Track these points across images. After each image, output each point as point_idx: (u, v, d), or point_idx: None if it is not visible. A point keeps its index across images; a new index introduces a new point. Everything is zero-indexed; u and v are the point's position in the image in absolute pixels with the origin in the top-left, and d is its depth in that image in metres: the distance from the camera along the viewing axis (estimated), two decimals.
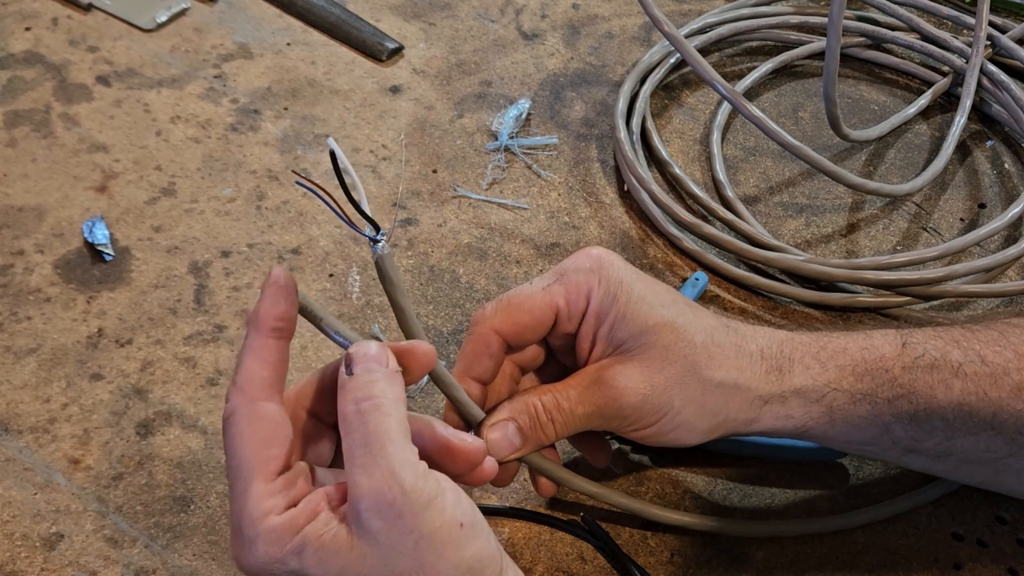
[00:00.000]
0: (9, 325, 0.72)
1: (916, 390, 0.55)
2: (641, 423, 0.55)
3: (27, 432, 0.67)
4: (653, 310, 0.54)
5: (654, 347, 0.54)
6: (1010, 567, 0.64)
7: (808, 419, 0.56)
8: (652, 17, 0.82)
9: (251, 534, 0.43)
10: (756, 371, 0.55)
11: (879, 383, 0.55)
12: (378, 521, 0.42)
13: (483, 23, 0.98)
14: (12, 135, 0.84)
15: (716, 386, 0.55)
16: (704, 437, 0.56)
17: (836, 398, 0.56)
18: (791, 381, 0.56)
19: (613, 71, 0.95)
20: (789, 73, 0.96)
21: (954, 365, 0.55)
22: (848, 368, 0.56)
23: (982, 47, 0.91)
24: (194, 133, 0.86)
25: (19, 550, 0.61)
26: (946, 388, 0.55)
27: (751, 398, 0.55)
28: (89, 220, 0.78)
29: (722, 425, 0.56)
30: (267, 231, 0.79)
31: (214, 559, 0.62)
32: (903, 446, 0.57)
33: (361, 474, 0.42)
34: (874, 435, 0.57)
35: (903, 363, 0.56)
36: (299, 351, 0.72)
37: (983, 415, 0.55)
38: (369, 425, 0.43)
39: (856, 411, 0.56)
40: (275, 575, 0.44)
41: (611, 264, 0.55)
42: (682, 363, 0.54)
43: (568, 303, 0.55)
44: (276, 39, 0.94)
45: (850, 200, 0.86)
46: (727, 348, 0.55)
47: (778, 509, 0.66)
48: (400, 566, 0.43)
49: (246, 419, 0.45)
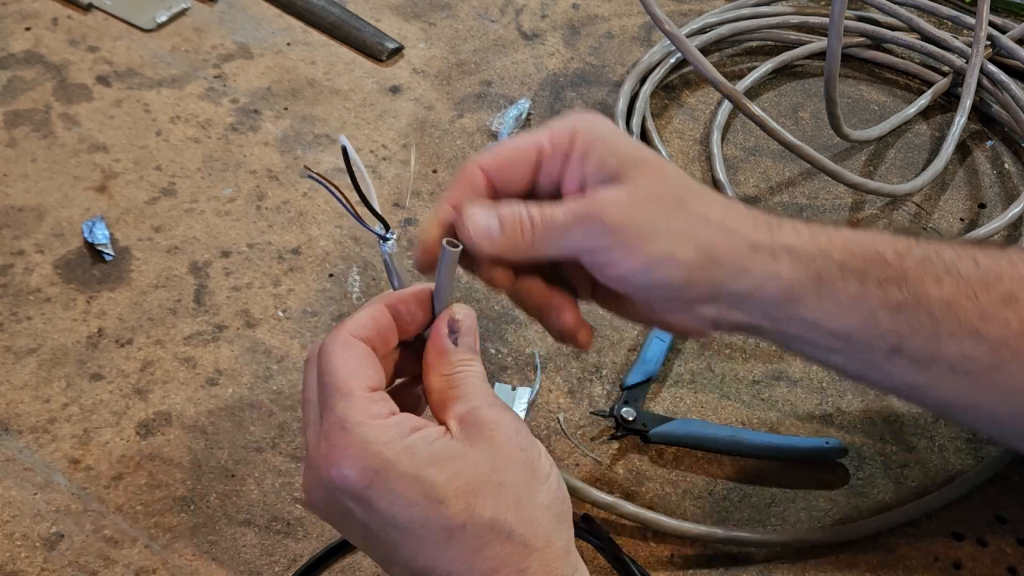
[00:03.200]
0: (9, 325, 0.72)
1: (907, 277, 0.53)
2: (622, 245, 0.51)
3: (27, 432, 0.67)
4: (641, 150, 0.53)
5: (643, 175, 0.52)
6: (1010, 566, 0.64)
7: (796, 284, 0.53)
8: (653, 16, 0.82)
9: (350, 440, 0.45)
10: (746, 220, 0.53)
11: (869, 263, 0.53)
12: (486, 434, 0.46)
13: (483, 23, 0.98)
14: (12, 135, 0.84)
15: (703, 220, 0.52)
16: (691, 278, 0.52)
17: (826, 266, 0.53)
18: (781, 237, 0.53)
19: (613, 71, 0.95)
20: (789, 73, 0.96)
21: (947, 260, 0.54)
22: (839, 242, 0.54)
23: (982, 47, 0.91)
24: (194, 133, 0.85)
25: (19, 550, 0.61)
26: (936, 282, 0.53)
27: (740, 240, 0.53)
28: (89, 220, 0.78)
29: (709, 265, 0.52)
30: (267, 231, 0.79)
31: (214, 559, 0.62)
32: (888, 342, 0.54)
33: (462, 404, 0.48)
34: (860, 321, 0.53)
35: (895, 248, 0.54)
36: (299, 351, 0.72)
37: (970, 318, 0.53)
38: (467, 388, 0.48)
39: (845, 287, 0.53)
40: (347, 498, 0.45)
41: (594, 114, 0.55)
42: (670, 193, 0.52)
43: (552, 143, 0.53)
44: (276, 39, 0.94)
45: (850, 200, 0.86)
46: (715, 197, 0.54)
47: (778, 509, 0.66)
48: (507, 474, 0.46)
49: (343, 345, 0.47)
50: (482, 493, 0.44)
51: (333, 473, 0.45)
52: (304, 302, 0.75)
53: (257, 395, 0.69)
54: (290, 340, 0.73)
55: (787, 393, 0.73)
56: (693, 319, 0.54)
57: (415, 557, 0.45)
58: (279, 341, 0.72)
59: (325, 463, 0.45)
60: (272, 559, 0.62)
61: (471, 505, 0.44)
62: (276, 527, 0.63)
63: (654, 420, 0.68)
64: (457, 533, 0.44)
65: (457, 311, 0.50)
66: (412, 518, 0.44)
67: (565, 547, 0.46)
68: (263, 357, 0.71)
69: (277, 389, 0.70)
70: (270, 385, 0.70)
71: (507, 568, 0.44)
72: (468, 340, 0.50)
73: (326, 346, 0.48)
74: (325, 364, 0.47)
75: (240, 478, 0.65)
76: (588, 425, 0.69)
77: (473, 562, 0.44)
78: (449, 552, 0.44)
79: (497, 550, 0.44)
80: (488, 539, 0.44)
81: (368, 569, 0.62)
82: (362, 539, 0.47)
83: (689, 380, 0.73)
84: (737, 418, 0.71)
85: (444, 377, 0.48)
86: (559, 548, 0.46)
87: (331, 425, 0.45)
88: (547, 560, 0.45)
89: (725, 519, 0.65)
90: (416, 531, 0.44)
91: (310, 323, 0.74)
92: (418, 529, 0.44)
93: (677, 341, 0.74)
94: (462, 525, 0.44)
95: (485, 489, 0.44)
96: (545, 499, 0.46)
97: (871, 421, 0.71)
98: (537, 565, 0.44)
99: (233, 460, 0.66)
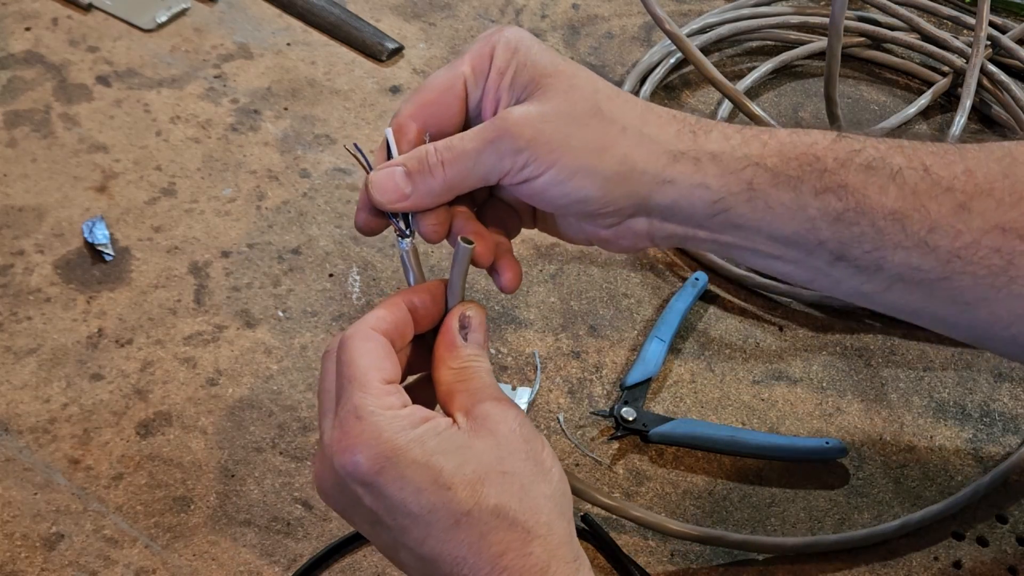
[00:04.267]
0: (9, 325, 0.72)
1: (848, 185, 0.50)
2: (535, 160, 0.50)
3: (27, 432, 0.67)
4: (555, 61, 0.52)
5: (554, 88, 0.50)
6: (1010, 566, 0.64)
7: (726, 192, 0.51)
8: (654, 16, 0.82)
9: (363, 428, 0.45)
10: (667, 128, 0.51)
11: (806, 170, 0.50)
12: (492, 427, 0.47)
13: (483, 23, 0.98)
14: (12, 135, 0.84)
15: (619, 131, 0.50)
16: (608, 192, 0.50)
17: (757, 174, 0.50)
18: (706, 144, 0.51)
19: (613, 71, 0.95)
20: (789, 73, 0.96)
21: (893, 168, 0.51)
22: (773, 147, 0.51)
23: (982, 47, 0.91)
24: (194, 133, 0.85)
25: (19, 550, 0.61)
26: (880, 191, 0.50)
27: (659, 150, 0.50)
28: (89, 220, 0.78)
29: (628, 177, 0.50)
30: (267, 231, 0.79)
31: (214, 559, 0.62)
32: (830, 249, 0.51)
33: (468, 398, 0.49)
34: (798, 229, 0.51)
35: (836, 155, 0.51)
36: (299, 351, 0.72)
37: (917, 229, 0.50)
38: (475, 383, 0.49)
39: (779, 196, 0.51)
40: (357, 484, 0.46)
41: (513, 29, 0.53)
42: (582, 104, 0.50)
43: (473, 68, 0.52)
44: (276, 39, 0.94)
45: None
46: (634, 104, 0.52)
47: (778, 509, 0.66)
48: (511, 464, 0.47)
49: (363, 338, 0.48)
50: (488, 481, 0.45)
51: (346, 459, 0.46)
52: (304, 302, 0.75)
53: (257, 395, 0.69)
54: (290, 340, 0.72)
55: (787, 393, 0.73)
56: (626, 234, 0.53)
57: (423, 542, 0.45)
58: (279, 341, 0.72)
59: (338, 449, 0.46)
60: (272, 559, 0.62)
61: (477, 492, 0.45)
62: (276, 527, 0.63)
63: (654, 420, 0.68)
64: (463, 519, 0.45)
65: (468, 307, 0.51)
66: (421, 504, 0.45)
67: (567, 535, 0.47)
68: (263, 357, 0.71)
69: (277, 389, 0.70)
70: (270, 385, 0.70)
71: (512, 552, 0.45)
72: (477, 336, 0.51)
73: (347, 338, 0.48)
74: (345, 355, 0.48)
75: (240, 478, 0.65)
76: (588, 425, 0.69)
77: (480, 547, 0.45)
78: (456, 537, 0.45)
79: (502, 536, 0.45)
80: (493, 525, 0.45)
81: (368, 569, 0.62)
82: (370, 527, 0.48)
83: (689, 380, 0.73)
84: (737, 418, 0.71)
85: (453, 371, 0.49)
86: (562, 535, 0.46)
87: (346, 413, 0.46)
88: (550, 546, 0.46)
89: (725, 519, 0.65)
90: (424, 516, 0.45)
91: (310, 323, 0.74)
92: (426, 515, 0.45)
93: (677, 341, 0.74)
94: (468, 512, 0.45)
95: (490, 478, 0.45)
96: (548, 490, 0.47)
97: (871, 421, 0.71)
98: (540, 550, 0.45)
99: (233, 460, 0.66)
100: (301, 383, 0.70)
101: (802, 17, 0.97)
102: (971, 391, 0.73)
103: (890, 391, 0.73)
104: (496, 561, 0.45)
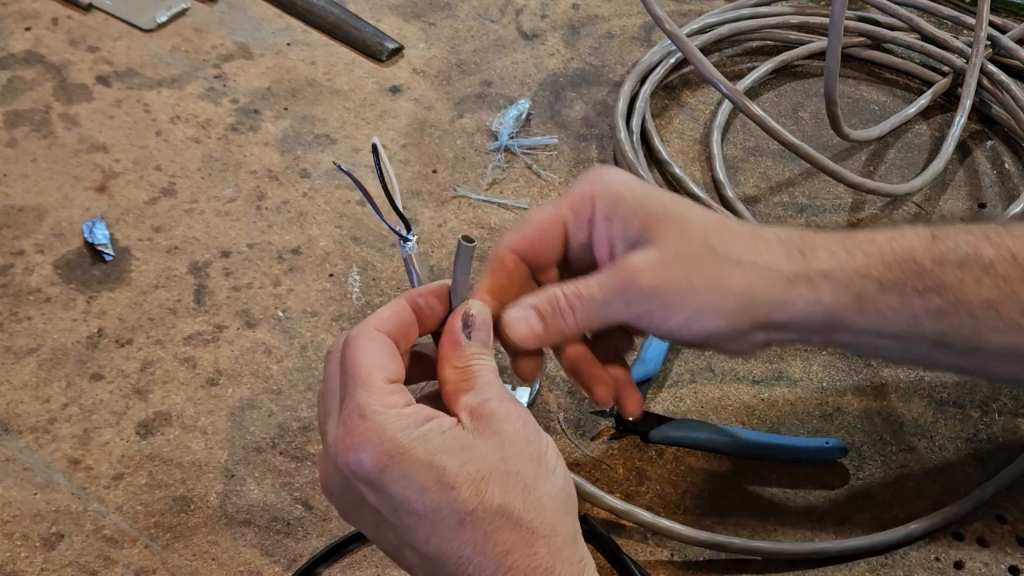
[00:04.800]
0: (9, 325, 0.72)
1: (946, 283, 0.54)
2: (663, 307, 0.53)
3: (27, 432, 0.67)
4: (662, 203, 0.54)
5: (668, 232, 0.53)
6: (1011, 566, 0.64)
7: (838, 305, 0.54)
8: (654, 16, 0.82)
9: (367, 427, 0.46)
10: (777, 253, 0.54)
11: (908, 274, 0.54)
12: (496, 426, 0.47)
13: (483, 23, 0.98)
14: (12, 135, 0.84)
15: (736, 265, 0.53)
16: (734, 323, 0.54)
17: (865, 285, 0.54)
18: (816, 264, 0.54)
19: (613, 71, 0.95)
20: (789, 73, 0.96)
21: (985, 262, 0.55)
22: (876, 256, 0.55)
23: (982, 47, 0.91)
24: (194, 133, 0.85)
25: (19, 550, 0.61)
26: (976, 284, 0.54)
27: (775, 277, 0.54)
28: (89, 220, 0.78)
29: (749, 308, 0.54)
30: (267, 231, 0.79)
31: (214, 559, 0.62)
32: (931, 339, 0.56)
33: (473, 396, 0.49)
34: (904, 327, 0.55)
35: (933, 256, 0.55)
36: (299, 351, 0.72)
37: (1012, 313, 0.54)
38: (479, 381, 0.50)
39: (886, 301, 0.54)
40: (361, 483, 0.46)
41: (610, 171, 0.56)
42: (698, 244, 0.53)
43: (573, 211, 0.55)
44: (276, 39, 0.94)
45: (850, 200, 0.86)
46: (742, 233, 0.55)
47: (778, 509, 0.66)
48: (515, 463, 0.47)
49: (367, 338, 0.49)
50: (491, 481, 0.45)
51: (350, 458, 0.46)
52: (304, 302, 0.75)
53: (257, 395, 0.69)
54: (290, 340, 0.72)
55: (787, 393, 0.72)
56: (746, 344, 0.55)
57: (427, 541, 0.46)
58: (279, 341, 0.72)
59: (342, 447, 0.46)
60: (272, 559, 0.62)
61: (481, 492, 0.45)
62: (276, 527, 0.63)
63: (654, 420, 0.68)
64: (467, 518, 0.45)
65: (472, 306, 0.51)
66: (424, 503, 0.45)
67: (572, 535, 0.47)
68: (263, 357, 0.71)
69: (277, 389, 0.70)
70: (270, 385, 0.70)
71: (516, 552, 0.45)
72: (481, 335, 0.51)
73: (351, 338, 0.49)
74: (349, 355, 0.48)
75: (240, 478, 0.65)
76: (588, 425, 0.69)
77: (485, 547, 0.45)
78: (461, 536, 0.45)
79: (506, 536, 0.45)
80: (498, 525, 0.45)
81: (369, 569, 0.62)
82: (374, 526, 0.48)
83: (689, 380, 0.73)
84: (737, 418, 0.71)
85: (457, 369, 0.50)
86: (566, 535, 0.47)
87: (350, 412, 0.47)
88: (554, 546, 0.46)
89: (725, 519, 0.65)
90: (428, 515, 0.45)
91: (310, 323, 0.74)
92: (430, 514, 0.45)
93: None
94: (472, 511, 0.45)
95: (494, 477, 0.45)
96: (552, 490, 0.47)
97: (871, 421, 0.71)
98: (545, 550, 0.45)
99: (233, 460, 0.66)
100: (301, 383, 0.70)
101: (802, 17, 0.97)
102: (971, 391, 0.73)
103: (890, 391, 0.73)
104: (501, 561, 0.45)
